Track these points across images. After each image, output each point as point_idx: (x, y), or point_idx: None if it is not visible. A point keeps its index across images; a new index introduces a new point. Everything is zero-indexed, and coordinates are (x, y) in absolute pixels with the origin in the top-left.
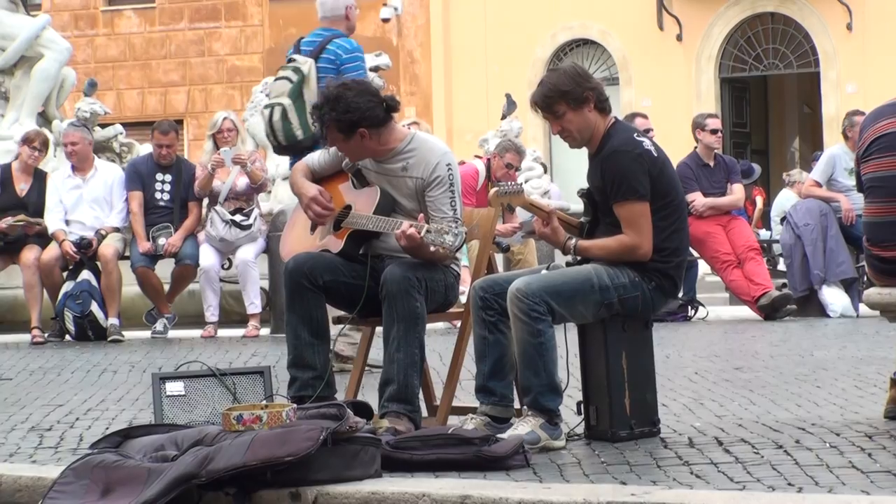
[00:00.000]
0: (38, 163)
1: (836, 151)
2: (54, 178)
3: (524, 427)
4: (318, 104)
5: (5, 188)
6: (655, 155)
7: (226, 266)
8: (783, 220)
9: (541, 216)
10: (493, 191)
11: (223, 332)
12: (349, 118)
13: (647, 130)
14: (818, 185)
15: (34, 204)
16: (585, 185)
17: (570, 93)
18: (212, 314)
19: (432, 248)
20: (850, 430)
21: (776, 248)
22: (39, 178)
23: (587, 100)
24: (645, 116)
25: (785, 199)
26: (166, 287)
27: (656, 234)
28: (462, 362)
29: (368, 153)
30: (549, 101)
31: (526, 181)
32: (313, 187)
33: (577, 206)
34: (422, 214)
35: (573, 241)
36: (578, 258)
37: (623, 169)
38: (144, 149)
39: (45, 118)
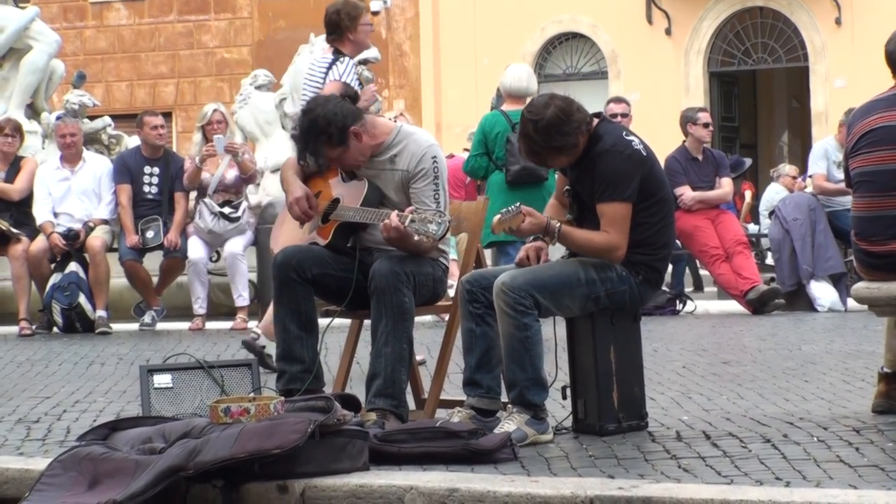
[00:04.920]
0: (13, 149)
1: (826, 145)
2: (42, 170)
3: (510, 425)
4: (302, 145)
5: None
6: (644, 154)
7: (214, 259)
8: (772, 214)
9: (517, 220)
10: (494, 219)
11: (211, 325)
12: (336, 126)
13: (624, 115)
14: (825, 178)
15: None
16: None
17: (563, 147)
18: (200, 307)
19: (416, 238)
20: (837, 425)
21: (764, 242)
22: (15, 165)
23: (574, 145)
24: (620, 101)
25: (774, 194)
26: (155, 280)
27: (646, 230)
28: (450, 355)
29: (367, 150)
30: (541, 160)
31: None
32: (301, 188)
33: None
34: (410, 207)
35: (556, 223)
36: (567, 253)
37: (613, 169)
38: (133, 141)
39: (33, 110)
